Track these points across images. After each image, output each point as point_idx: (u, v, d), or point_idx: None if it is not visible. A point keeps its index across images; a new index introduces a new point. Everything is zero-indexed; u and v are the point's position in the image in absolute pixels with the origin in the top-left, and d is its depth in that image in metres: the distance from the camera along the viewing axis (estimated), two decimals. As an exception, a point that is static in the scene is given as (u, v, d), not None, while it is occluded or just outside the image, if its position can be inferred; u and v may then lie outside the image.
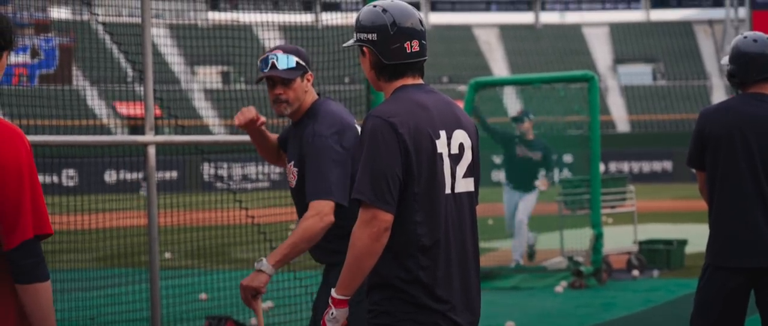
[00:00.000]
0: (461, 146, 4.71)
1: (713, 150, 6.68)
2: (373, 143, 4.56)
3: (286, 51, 5.96)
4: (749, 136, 6.60)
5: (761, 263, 6.59)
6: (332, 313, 4.63)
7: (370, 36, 4.71)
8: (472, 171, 4.77)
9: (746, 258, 6.61)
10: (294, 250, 5.60)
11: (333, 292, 4.63)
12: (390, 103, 4.67)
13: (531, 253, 16.64)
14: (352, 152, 5.75)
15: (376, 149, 4.55)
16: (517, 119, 16.42)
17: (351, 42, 4.83)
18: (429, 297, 4.61)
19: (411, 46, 4.69)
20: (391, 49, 4.68)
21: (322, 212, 5.61)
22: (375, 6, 4.75)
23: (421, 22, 4.74)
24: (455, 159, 4.69)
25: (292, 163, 5.92)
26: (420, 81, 4.78)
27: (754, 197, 6.59)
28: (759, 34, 6.70)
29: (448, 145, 4.67)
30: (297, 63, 5.94)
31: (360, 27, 4.75)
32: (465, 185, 4.74)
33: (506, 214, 16.59)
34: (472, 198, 4.79)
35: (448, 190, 4.66)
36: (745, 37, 6.70)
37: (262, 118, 6.15)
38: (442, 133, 4.66)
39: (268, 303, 12.14)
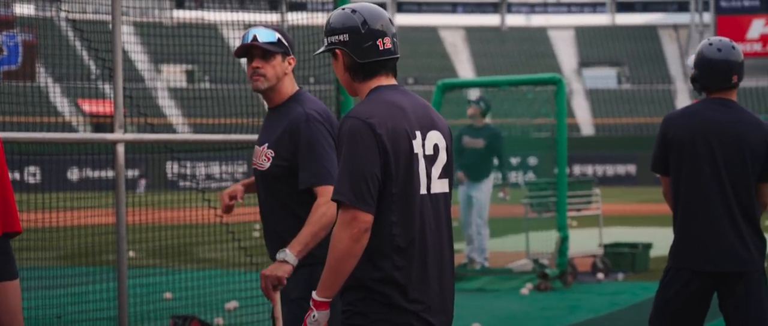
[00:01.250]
0: (436, 147, 4.73)
1: (677, 154, 6.75)
2: (352, 144, 4.56)
3: (270, 27, 5.88)
4: (712, 141, 6.69)
5: (725, 267, 6.67)
6: (314, 316, 4.60)
7: (341, 37, 4.73)
8: (446, 172, 4.78)
9: (710, 263, 6.67)
10: (314, 239, 5.55)
11: (314, 294, 4.61)
12: (367, 104, 4.68)
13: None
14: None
15: (355, 150, 4.55)
16: (472, 102, 16.35)
17: (323, 48, 4.84)
18: (403, 297, 4.60)
19: (383, 44, 4.73)
20: (364, 47, 4.71)
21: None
22: (344, 9, 4.78)
23: (391, 21, 4.79)
24: (430, 160, 4.71)
25: (266, 145, 5.81)
26: (393, 81, 4.81)
27: (719, 201, 6.66)
28: (724, 41, 6.79)
29: (423, 145, 4.69)
30: (278, 40, 5.83)
31: (330, 30, 4.77)
32: (440, 186, 4.75)
33: (461, 207, 16.50)
34: (447, 199, 4.81)
35: (423, 191, 4.67)
36: (711, 44, 6.78)
37: (239, 196, 6.10)
38: (418, 134, 4.68)
39: (233, 303, 12.11)
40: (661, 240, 19.39)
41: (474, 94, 32.90)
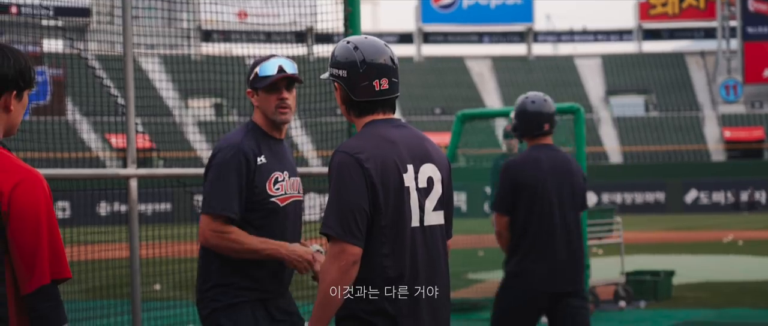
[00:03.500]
0: (430, 179, 4.77)
1: (529, 194, 7.76)
2: (340, 178, 4.63)
3: (288, 58, 5.88)
4: (556, 180, 7.80)
5: (568, 287, 7.79)
6: None
7: (340, 72, 4.76)
8: (442, 204, 4.82)
9: (559, 284, 7.77)
10: None
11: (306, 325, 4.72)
12: (357, 139, 4.73)
13: None
14: None
15: (342, 184, 4.62)
16: (508, 135, 16.64)
17: (325, 75, 4.89)
18: None
19: (380, 84, 4.74)
20: (360, 86, 4.74)
21: None
22: (348, 42, 4.79)
23: (392, 59, 4.78)
24: (424, 192, 4.75)
25: (298, 178, 5.85)
26: (391, 116, 4.84)
27: (563, 231, 7.79)
28: (538, 95, 7.98)
29: (416, 178, 4.73)
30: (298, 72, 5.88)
31: (334, 62, 4.80)
32: (436, 218, 4.80)
33: None
34: (442, 230, 4.85)
35: (416, 223, 4.72)
36: (527, 97, 7.97)
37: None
38: (410, 167, 4.72)
39: None
40: (683, 267, 19.41)
41: (502, 124, 33.03)
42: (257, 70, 5.82)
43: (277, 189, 5.77)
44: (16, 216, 4.05)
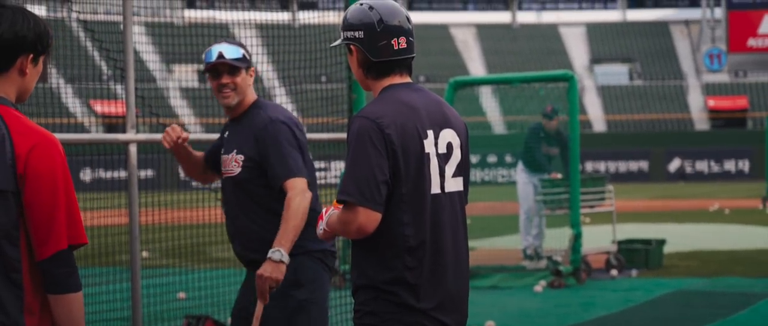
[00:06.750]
0: (449, 145, 4.68)
1: None
2: (360, 144, 4.53)
3: (232, 43, 6.19)
4: None
5: None
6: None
7: (357, 34, 4.68)
8: (461, 170, 4.74)
9: None
10: (297, 231, 5.82)
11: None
12: (377, 103, 4.65)
13: (532, 256, 16.55)
14: (304, 144, 6.08)
15: (363, 150, 4.52)
16: (549, 116, 16.43)
17: (338, 41, 4.81)
18: (413, 297, 4.57)
19: (398, 43, 4.67)
20: (379, 46, 4.66)
21: (302, 188, 5.88)
22: (362, 4, 4.73)
23: (408, 19, 4.73)
24: (444, 158, 4.66)
25: (234, 151, 6.11)
26: (408, 79, 4.76)
27: None
28: None
29: (436, 144, 4.64)
30: (243, 55, 6.14)
31: (347, 25, 4.72)
32: (455, 184, 4.71)
33: (520, 197, 16.84)
34: (461, 197, 4.76)
35: (436, 190, 4.63)
36: None
37: (186, 134, 6.33)
38: (430, 133, 4.63)
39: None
40: (672, 236, 19.38)
41: (486, 91, 32.86)
42: (203, 56, 6.17)
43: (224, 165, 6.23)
44: (33, 179, 3.93)
